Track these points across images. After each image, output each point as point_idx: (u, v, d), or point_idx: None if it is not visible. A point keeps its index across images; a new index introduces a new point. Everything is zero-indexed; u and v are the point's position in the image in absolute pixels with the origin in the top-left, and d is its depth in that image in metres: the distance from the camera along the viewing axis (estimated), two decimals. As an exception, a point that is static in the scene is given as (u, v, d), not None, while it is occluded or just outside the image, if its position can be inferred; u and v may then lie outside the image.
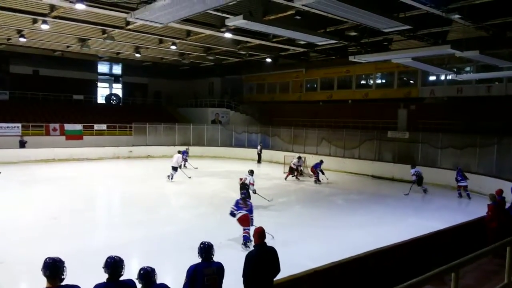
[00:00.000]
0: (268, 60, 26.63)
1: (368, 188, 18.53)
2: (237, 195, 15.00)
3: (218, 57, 27.07)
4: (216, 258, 4.61)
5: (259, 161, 26.30)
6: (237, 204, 9.83)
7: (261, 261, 4.86)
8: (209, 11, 12.32)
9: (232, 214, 9.66)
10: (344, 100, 28.17)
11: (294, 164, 20.02)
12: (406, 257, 6.89)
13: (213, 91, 37.08)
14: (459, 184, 16.16)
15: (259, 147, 26.80)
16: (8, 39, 22.90)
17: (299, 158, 20.36)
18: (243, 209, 9.60)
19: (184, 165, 21.83)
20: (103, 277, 3.89)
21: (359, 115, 25.87)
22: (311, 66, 29.53)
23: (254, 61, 28.26)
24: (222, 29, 18.03)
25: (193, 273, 4.39)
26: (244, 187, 12.98)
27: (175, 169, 18.42)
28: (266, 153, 26.68)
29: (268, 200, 14.03)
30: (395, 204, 15.06)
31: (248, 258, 4.85)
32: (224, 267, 4.57)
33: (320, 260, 6.53)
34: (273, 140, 28.65)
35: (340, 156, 23.97)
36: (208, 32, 18.87)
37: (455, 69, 20.20)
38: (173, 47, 22.77)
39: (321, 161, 19.67)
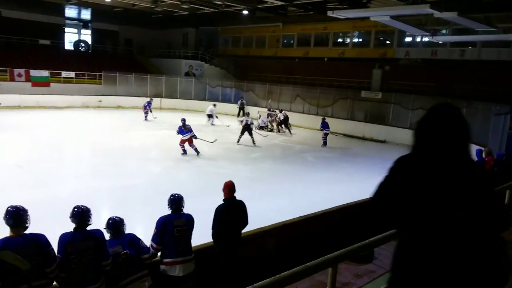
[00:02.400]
0: (245, 12, 25.89)
1: (339, 146, 18.80)
2: (208, 149, 14.99)
3: (193, 6, 26.08)
4: (185, 210, 4.59)
5: (243, 114, 26.09)
6: (180, 129, 13.85)
7: (230, 214, 4.91)
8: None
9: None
10: (320, 57, 27.95)
11: (263, 121, 20.37)
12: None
13: (187, 42, 35.95)
14: (324, 131, 17.73)
15: (240, 102, 26.36)
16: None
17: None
18: (187, 133, 13.86)
19: (146, 117, 21.75)
20: (69, 226, 3.81)
21: (334, 73, 25.81)
22: (289, 21, 28.95)
23: (230, 13, 27.43)
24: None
25: (162, 224, 4.38)
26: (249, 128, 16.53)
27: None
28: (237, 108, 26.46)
29: (211, 142, 15.29)
30: (364, 162, 15.38)
31: (217, 211, 4.89)
32: (194, 219, 4.57)
33: (288, 214, 6.66)
34: (248, 95, 28.35)
35: (313, 114, 24.07)
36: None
37: (431, 31, 20.23)
38: (146, -7, 21.74)
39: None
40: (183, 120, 14.23)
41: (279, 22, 29.94)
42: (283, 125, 20.84)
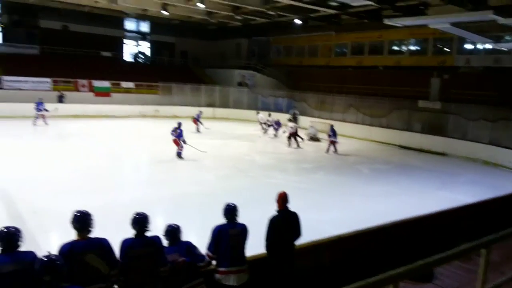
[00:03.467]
0: (297, 21, 25.90)
1: (394, 158, 18.20)
2: (260, 158, 15.04)
3: (246, 17, 26.51)
4: (240, 219, 4.60)
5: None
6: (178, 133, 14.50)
7: (283, 225, 4.83)
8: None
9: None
10: (374, 66, 27.32)
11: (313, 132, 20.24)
12: (431, 230, 6.75)
13: (240, 52, 36.52)
14: (330, 139, 17.50)
15: (293, 112, 26.33)
16: (38, -8, 22.93)
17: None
18: (173, 134, 14.54)
19: (198, 129, 22.00)
20: (128, 232, 3.93)
21: (390, 82, 25.09)
22: (342, 30, 28.58)
23: (282, 23, 27.57)
24: (251, -13, 17.55)
25: (218, 233, 4.40)
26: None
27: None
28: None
29: (202, 151, 15.21)
30: (422, 176, 14.76)
31: (271, 221, 4.82)
32: (248, 229, 4.56)
33: (342, 227, 6.48)
34: (300, 105, 28.22)
35: (367, 124, 23.51)
36: (237, -10, 18.42)
37: (494, 38, 19.15)
38: (201, 5, 22.39)
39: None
40: (180, 124, 15.01)
41: (332, 31, 29.65)
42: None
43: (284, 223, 4.85)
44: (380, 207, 9.99)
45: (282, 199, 4.92)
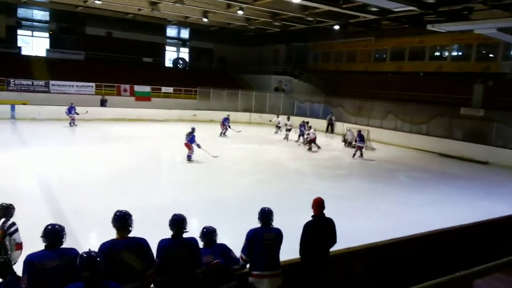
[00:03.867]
0: (336, 27, 25.74)
1: (434, 166, 17.69)
2: (295, 164, 15.02)
3: (285, 23, 26.60)
4: (275, 223, 4.64)
5: (331, 130, 26.02)
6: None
7: (318, 231, 4.83)
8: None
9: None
10: (415, 72, 26.68)
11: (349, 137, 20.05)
12: (471, 241, 6.54)
13: (277, 58, 36.67)
14: (357, 144, 17.32)
15: (329, 117, 26.32)
16: (85, 1, 24.00)
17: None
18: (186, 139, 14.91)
19: (224, 133, 22.07)
20: (167, 233, 4.06)
21: (431, 89, 24.46)
22: (381, 35, 28.14)
23: (321, 28, 27.47)
24: (290, -6, 17.62)
25: (252, 236, 4.45)
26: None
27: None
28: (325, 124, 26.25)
29: (214, 156, 15.16)
30: (463, 185, 14.28)
31: (306, 227, 4.83)
32: (283, 233, 4.58)
33: (377, 235, 6.40)
34: (336, 111, 27.98)
35: (406, 131, 22.98)
36: (275, -4, 18.54)
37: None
38: (240, 12, 22.67)
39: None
40: (193, 129, 15.43)
41: (371, 36, 29.25)
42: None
43: (319, 229, 4.85)
44: (417, 216, 9.77)
45: (318, 205, 4.92)
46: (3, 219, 5.10)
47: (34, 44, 31.96)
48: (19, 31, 31.41)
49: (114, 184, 11.29)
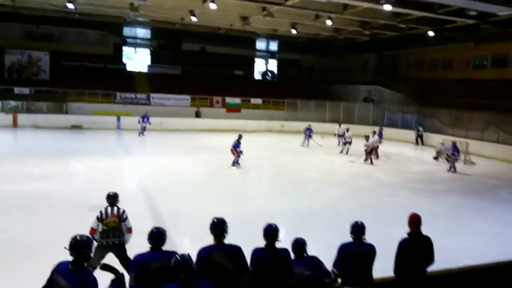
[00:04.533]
0: (430, 33, 24.49)
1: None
2: (385, 176, 14.50)
3: (375, 31, 25.97)
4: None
5: (421, 142, 24.75)
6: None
7: (414, 250, 4.62)
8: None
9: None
10: (520, 79, 24.37)
11: (443, 150, 18.64)
12: None
13: (367, 67, 35.78)
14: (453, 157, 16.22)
15: (417, 129, 25.11)
16: (182, 19, 25.69)
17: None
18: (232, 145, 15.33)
19: (308, 143, 21.87)
20: (254, 241, 4.18)
21: (539, 97, 22.14)
22: (481, 41, 26.11)
23: (414, 35, 26.33)
24: (381, 1, 17.19)
25: (344, 250, 4.39)
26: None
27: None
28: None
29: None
30: None
31: (401, 244, 4.63)
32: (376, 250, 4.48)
33: (478, 257, 5.98)
34: (431, 122, 26.44)
35: (510, 144, 20.98)
36: (366, 5, 18.23)
37: None
38: (329, 22, 22.60)
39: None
40: (240, 137, 15.64)
41: (470, 42, 27.31)
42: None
43: (416, 247, 4.63)
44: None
45: (415, 221, 4.69)
46: (115, 207, 5.86)
47: (137, 60, 34.89)
48: (124, 48, 34.55)
49: (207, 191, 11.90)
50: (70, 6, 22.10)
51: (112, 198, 5.97)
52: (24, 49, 28.30)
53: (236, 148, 15.40)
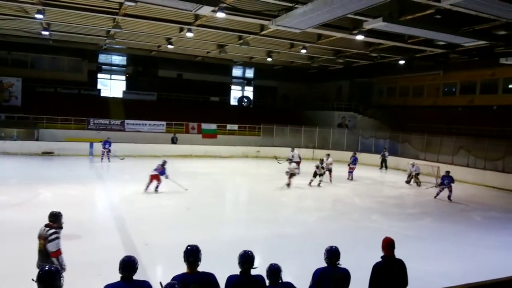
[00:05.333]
0: (401, 62, 25.38)
1: (513, 206, 16.40)
2: (361, 201, 14.65)
3: (348, 60, 26.71)
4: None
5: (384, 166, 24.98)
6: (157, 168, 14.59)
7: (388, 273, 4.68)
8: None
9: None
10: (488, 105, 25.39)
11: (410, 170, 19.33)
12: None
13: (341, 94, 36.67)
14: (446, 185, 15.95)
15: (382, 153, 25.38)
16: (159, 46, 25.84)
17: (413, 164, 19.76)
18: (157, 170, 14.53)
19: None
20: (230, 267, 4.16)
21: (506, 123, 23.05)
22: (450, 68, 27.24)
23: (385, 64, 27.21)
24: (354, 32, 17.76)
25: (319, 276, 4.38)
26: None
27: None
28: (393, 160, 25.37)
29: (185, 189, 14.99)
30: (549, 227, 13.06)
31: (375, 268, 4.69)
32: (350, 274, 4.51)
33: (452, 280, 6.05)
34: (403, 147, 27.10)
35: (480, 168, 21.63)
36: (339, 35, 18.77)
37: None
38: (303, 51, 23.16)
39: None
40: (165, 162, 15.01)
41: (439, 70, 28.46)
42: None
43: (390, 270, 4.69)
44: (496, 260, 9.09)
45: (388, 245, 4.76)
46: (46, 228, 5.51)
47: (112, 86, 34.69)
48: (99, 75, 34.36)
49: (179, 218, 11.71)
50: (45, 33, 22.00)
51: (52, 217, 5.67)
52: (-5, 75, 27.84)
53: (161, 174, 14.73)
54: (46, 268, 3.43)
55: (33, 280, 3.34)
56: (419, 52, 22.32)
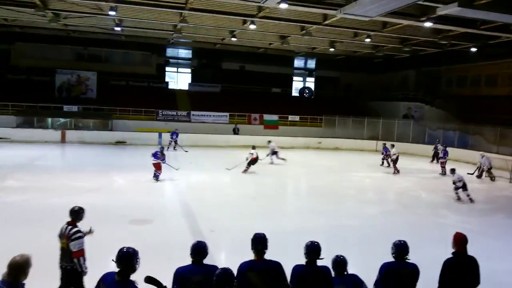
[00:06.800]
0: (473, 49, 23.93)
1: None
2: (427, 195, 14.17)
3: (415, 48, 25.64)
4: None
5: (436, 160, 23.25)
6: (155, 154, 14.51)
7: (459, 270, 4.53)
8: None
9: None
10: None
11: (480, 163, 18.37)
12: None
13: (406, 84, 35.27)
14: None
15: (439, 146, 23.76)
16: (222, 39, 26.42)
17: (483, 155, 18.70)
18: (159, 158, 14.44)
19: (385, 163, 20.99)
20: (293, 258, 4.27)
21: None
22: (528, 55, 25.29)
23: (455, 51, 25.84)
24: (422, 18, 17.05)
25: (387, 271, 4.32)
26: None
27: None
28: (463, 152, 23.99)
29: (176, 169, 15.50)
30: None
31: (446, 265, 4.54)
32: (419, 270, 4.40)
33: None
34: (474, 139, 25.61)
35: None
36: (406, 22, 18.12)
37: None
38: (368, 40, 22.59)
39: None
40: (162, 148, 15.24)
41: (516, 57, 26.50)
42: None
43: (461, 267, 4.54)
44: None
45: (461, 241, 4.61)
46: (70, 226, 5.13)
47: (178, 79, 36.05)
48: (167, 68, 35.84)
49: (244, 207, 12.05)
50: (117, 29, 23.35)
51: (73, 214, 5.24)
52: (73, 70, 29.94)
53: (162, 161, 14.71)
54: (125, 250, 3.70)
55: (113, 260, 3.65)
56: (493, 39, 20.95)
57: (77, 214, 5.24)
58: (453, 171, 14.14)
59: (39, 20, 21.94)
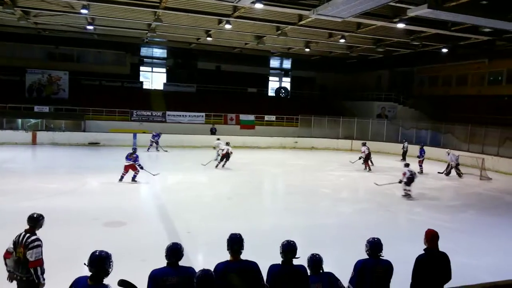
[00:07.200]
0: (444, 50, 24.52)
1: None
2: (401, 193, 14.44)
3: (388, 48, 26.06)
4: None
5: (404, 159, 23.84)
6: (127, 156, 14.25)
7: (431, 266, 4.62)
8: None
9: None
10: (537, 95, 24.14)
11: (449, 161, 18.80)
12: None
13: (380, 84, 35.89)
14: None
15: (405, 144, 24.34)
16: (198, 39, 26.22)
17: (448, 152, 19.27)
18: (131, 160, 14.18)
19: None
20: (274, 258, 4.24)
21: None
22: (496, 56, 26.06)
23: (427, 52, 26.39)
24: (395, 20, 17.35)
25: (361, 268, 4.36)
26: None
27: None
28: (435, 151, 24.56)
29: (153, 174, 15.09)
30: None
31: (418, 261, 4.62)
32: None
33: (498, 275, 5.94)
34: (446, 138, 26.28)
35: (528, 159, 20.69)
36: (379, 23, 18.38)
37: None
38: (342, 41, 22.82)
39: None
40: (134, 149, 14.80)
41: (484, 58, 27.25)
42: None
43: (433, 263, 4.62)
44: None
45: (432, 237, 4.69)
46: (28, 234, 4.79)
47: (153, 79, 35.61)
48: (141, 68, 35.34)
49: (220, 208, 11.99)
50: (90, 27, 22.86)
51: (32, 221, 4.85)
52: (44, 69, 29.16)
53: (136, 163, 14.33)
54: (97, 253, 3.62)
55: (84, 264, 3.57)
56: (463, 40, 21.50)
57: (36, 221, 4.87)
58: (407, 165, 14.48)
59: (7, 18, 21.26)
